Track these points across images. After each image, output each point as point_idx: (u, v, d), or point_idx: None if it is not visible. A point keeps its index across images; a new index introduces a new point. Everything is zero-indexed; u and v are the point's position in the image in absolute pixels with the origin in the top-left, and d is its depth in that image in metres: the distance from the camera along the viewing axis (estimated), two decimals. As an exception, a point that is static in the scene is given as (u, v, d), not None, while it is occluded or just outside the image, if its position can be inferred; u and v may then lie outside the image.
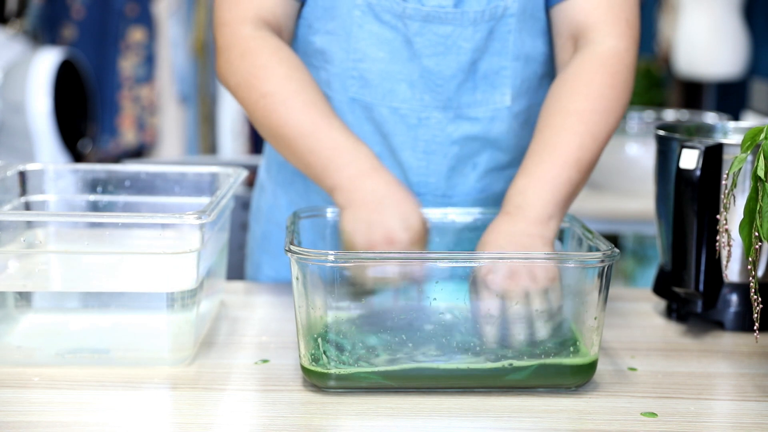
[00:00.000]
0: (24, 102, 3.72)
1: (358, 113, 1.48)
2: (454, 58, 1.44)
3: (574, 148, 1.35)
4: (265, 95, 1.39)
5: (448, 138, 1.48)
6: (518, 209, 1.32)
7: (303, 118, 1.37)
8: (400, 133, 1.48)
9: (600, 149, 1.39)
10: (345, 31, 1.45)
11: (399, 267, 1.20)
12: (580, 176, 1.36)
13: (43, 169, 1.48)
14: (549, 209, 1.32)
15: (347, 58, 1.46)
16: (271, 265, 1.63)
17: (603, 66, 1.41)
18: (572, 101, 1.39)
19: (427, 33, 1.43)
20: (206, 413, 1.11)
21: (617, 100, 1.40)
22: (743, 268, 1.41)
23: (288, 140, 1.38)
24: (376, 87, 1.46)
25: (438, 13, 1.43)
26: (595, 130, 1.37)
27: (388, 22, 1.44)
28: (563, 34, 1.46)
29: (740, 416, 1.14)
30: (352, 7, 1.44)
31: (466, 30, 1.44)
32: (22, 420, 1.08)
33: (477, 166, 1.51)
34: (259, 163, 1.78)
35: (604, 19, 1.43)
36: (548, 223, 1.32)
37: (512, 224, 1.31)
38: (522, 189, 1.34)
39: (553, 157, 1.35)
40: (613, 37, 1.42)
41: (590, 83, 1.40)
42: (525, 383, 1.18)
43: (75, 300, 1.32)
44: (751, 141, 1.23)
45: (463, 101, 1.47)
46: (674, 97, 4.96)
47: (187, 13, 4.34)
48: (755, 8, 4.46)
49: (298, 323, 1.18)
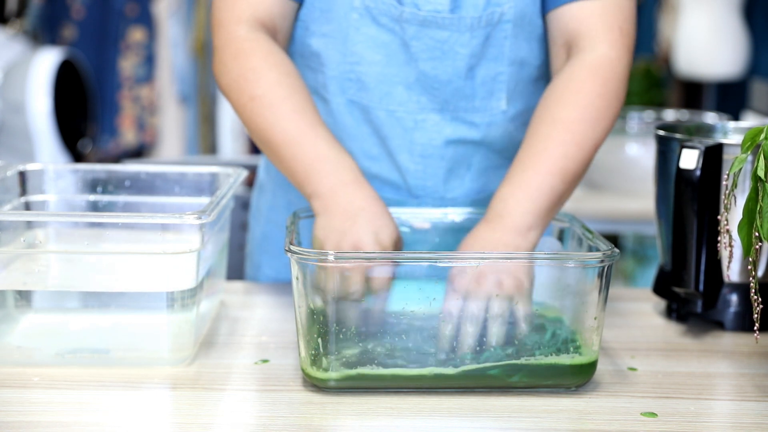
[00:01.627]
0: (24, 102, 3.72)
1: (357, 115, 1.48)
2: (451, 63, 1.44)
3: (559, 157, 1.34)
4: (253, 98, 1.38)
5: (445, 141, 1.48)
6: (498, 217, 1.32)
7: (289, 125, 1.37)
8: (397, 136, 1.48)
9: (587, 159, 1.37)
10: (342, 34, 1.45)
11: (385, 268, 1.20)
12: (565, 186, 1.35)
13: (43, 169, 1.48)
14: (528, 219, 1.31)
15: (344, 60, 1.46)
16: (270, 265, 1.63)
17: (593, 74, 1.39)
18: (560, 110, 1.38)
19: (423, 37, 1.43)
20: (206, 413, 1.11)
21: (607, 109, 1.39)
22: (743, 268, 1.41)
23: (273, 145, 1.38)
24: (372, 90, 1.46)
25: (434, 18, 1.42)
26: (582, 139, 1.36)
27: (385, 26, 1.44)
28: (557, 42, 1.45)
29: (740, 416, 1.14)
30: (350, 9, 1.44)
31: (462, 35, 1.43)
32: (22, 420, 1.08)
33: (471, 167, 1.51)
34: (259, 163, 1.78)
35: (597, 26, 1.41)
36: (527, 234, 1.31)
37: (490, 232, 1.31)
38: (503, 197, 1.34)
39: (537, 166, 1.34)
40: (606, 45, 1.41)
41: (579, 92, 1.38)
42: (525, 383, 1.18)
43: (75, 300, 1.32)
44: (751, 141, 1.23)
45: (461, 106, 1.47)
46: (674, 97, 4.95)
47: (187, 13, 4.34)
48: (755, 8, 4.46)
49: (298, 323, 1.18)
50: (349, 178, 1.35)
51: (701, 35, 4.37)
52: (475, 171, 1.51)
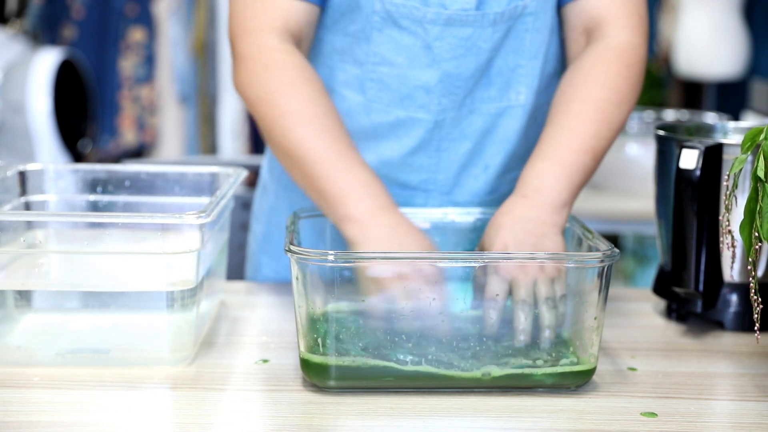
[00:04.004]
0: (24, 102, 3.72)
1: (374, 116, 1.47)
2: (473, 59, 1.44)
3: (592, 135, 1.36)
4: (286, 114, 1.35)
5: (461, 134, 1.48)
6: (536, 193, 1.33)
7: (323, 144, 1.34)
8: (415, 137, 1.48)
9: (613, 139, 1.40)
10: (365, 35, 1.44)
11: (406, 269, 1.19)
12: (594, 165, 1.38)
13: (43, 169, 1.48)
14: (564, 196, 1.33)
15: (367, 60, 1.45)
16: (270, 266, 1.63)
17: (618, 58, 1.41)
18: (589, 89, 1.39)
19: (447, 36, 1.43)
20: (206, 413, 1.11)
21: (630, 92, 1.42)
22: (743, 268, 1.41)
23: (304, 163, 1.34)
24: (393, 91, 1.45)
25: (460, 16, 1.42)
26: (611, 119, 1.38)
27: (407, 28, 1.43)
28: (577, 29, 1.46)
29: (740, 416, 1.14)
30: (371, 13, 1.43)
31: (485, 31, 1.43)
32: (22, 420, 1.08)
33: (488, 168, 1.51)
34: (259, 163, 1.77)
35: (619, 13, 1.44)
36: (562, 210, 1.33)
37: (528, 209, 1.32)
38: (540, 172, 1.34)
39: (571, 143, 1.35)
40: (628, 32, 1.43)
41: (607, 73, 1.40)
42: (525, 383, 1.18)
43: (75, 300, 1.32)
44: (751, 141, 1.23)
45: (477, 97, 1.47)
46: (674, 97, 4.95)
47: (187, 13, 4.33)
48: (755, 8, 4.46)
49: (298, 323, 1.18)
50: (386, 203, 1.33)
51: (701, 35, 4.37)
52: (492, 173, 1.51)
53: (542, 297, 1.21)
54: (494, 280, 1.20)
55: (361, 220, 1.31)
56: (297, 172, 1.37)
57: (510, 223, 1.30)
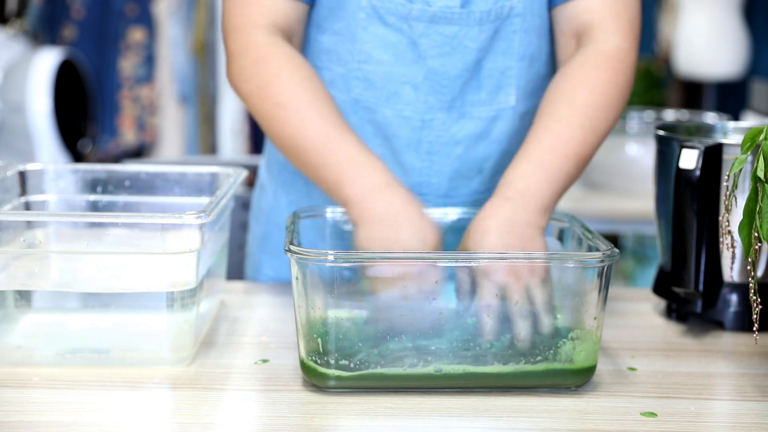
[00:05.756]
0: (24, 102, 3.72)
1: (361, 114, 1.48)
2: (460, 58, 1.44)
3: (578, 141, 1.36)
4: (278, 105, 1.37)
5: (452, 138, 1.48)
6: (519, 195, 1.32)
7: (316, 130, 1.36)
8: (403, 136, 1.48)
9: (598, 146, 1.40)
10: (350, 33, 1.45)
11: (403, 267, 1.19)
12: (577, 172, 1.38)
13: (43, 169, 1.48)
14: (547, 201, 1.33)
15: (352, 59, 1.46)
16: (270, 265, 1.63)
17: (606, 63, 1.41)
18: (576, 93, 1.39)
19: (432, 34, 1.43)
20: (206, 413, 1.11)
21: (618, 98, 1.41)
22: (743, 269, 1.41)
23: (301, 151, 1.37)
24: (380, 89, 1.46)
25: (444, 14, 1.42)
26: (597, 125, 1.38)
27: (392, 25, 1.43)
28: (566, 33, 1.46)
29: (740, 416, 1.14)
30: (357, 9, 1.44)
31: (471, 30, 1.44)
32: (22, 420, 1.08)
33: (482, 171, 1.51)
34: (259, 163, 1.77)
35: (608, 18, 1.43)
36: (545, 214, 1.33)
37: (513, 212, 1.31)
38: (523, 175, 1.34)
39: (556, 148, 1.35)
40: (617, 37, 1.43)
41: (595, 78, 1.40)
42: (525, 383, 1.18)
43: (75, 300, 1.32)
44: (751, 142, 1.23)
45: (467, 100, 1.47)
46: (674, 97, 4.95)
47: (187, 13, 4.33)
48: (755, 8, 4.46)
49: (298, 323, 1.18)
50: (383, 181, 1.34)
51: (701, 35, 4.37)
52: (486, 176, 1.51)
53: (539, 299, 1.20)
54: (488, 283, 1.19)
55: (355, 202, 1.33)
56: (296, 162, 1.40)
57: (496, 227, 1.30)
